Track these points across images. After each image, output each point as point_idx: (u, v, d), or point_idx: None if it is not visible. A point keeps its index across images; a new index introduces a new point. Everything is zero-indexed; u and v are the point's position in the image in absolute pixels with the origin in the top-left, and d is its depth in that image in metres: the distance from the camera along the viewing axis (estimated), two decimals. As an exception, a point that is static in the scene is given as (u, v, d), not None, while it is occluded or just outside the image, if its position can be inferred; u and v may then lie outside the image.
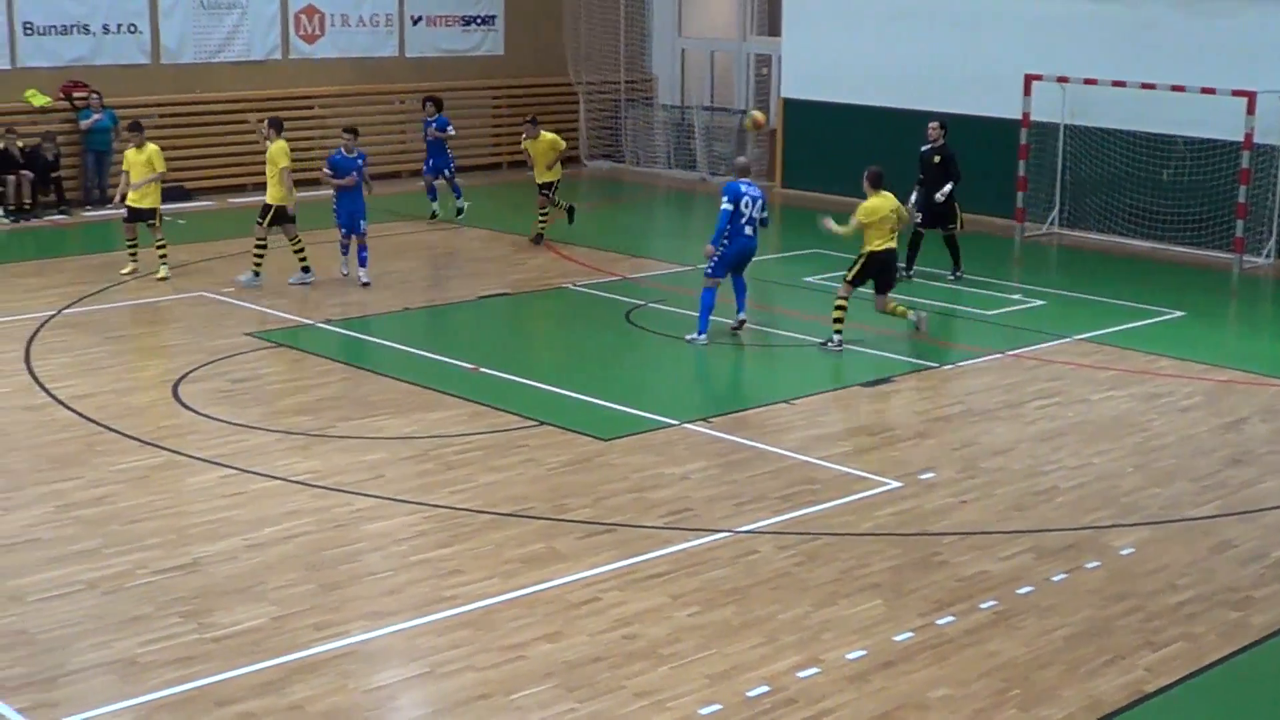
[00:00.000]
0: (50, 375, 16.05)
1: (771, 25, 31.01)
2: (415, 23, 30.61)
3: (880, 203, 17.50)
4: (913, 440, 14.28)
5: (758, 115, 20.45)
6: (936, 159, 21.04)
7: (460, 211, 25.34)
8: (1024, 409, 15.30)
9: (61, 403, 15.12)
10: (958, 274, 21.30)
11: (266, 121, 20.85)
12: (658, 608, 10.50)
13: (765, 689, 9.35)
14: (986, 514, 12.39)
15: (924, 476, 13.22)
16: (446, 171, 25.40)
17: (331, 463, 13.41)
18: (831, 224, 17.69)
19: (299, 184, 28.43)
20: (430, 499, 12.56)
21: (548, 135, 23.63)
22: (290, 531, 11.81)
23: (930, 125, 21.39)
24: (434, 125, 25.25)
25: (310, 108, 29.26)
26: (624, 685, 9.38)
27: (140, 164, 20.29)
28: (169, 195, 27.02)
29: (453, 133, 25.45)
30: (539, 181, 23.58)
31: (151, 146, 20.51)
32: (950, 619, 10.37)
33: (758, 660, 9.73)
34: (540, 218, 23.66)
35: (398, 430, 14.34)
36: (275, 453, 13.68)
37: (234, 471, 13.15)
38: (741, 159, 18.75)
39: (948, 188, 20.82)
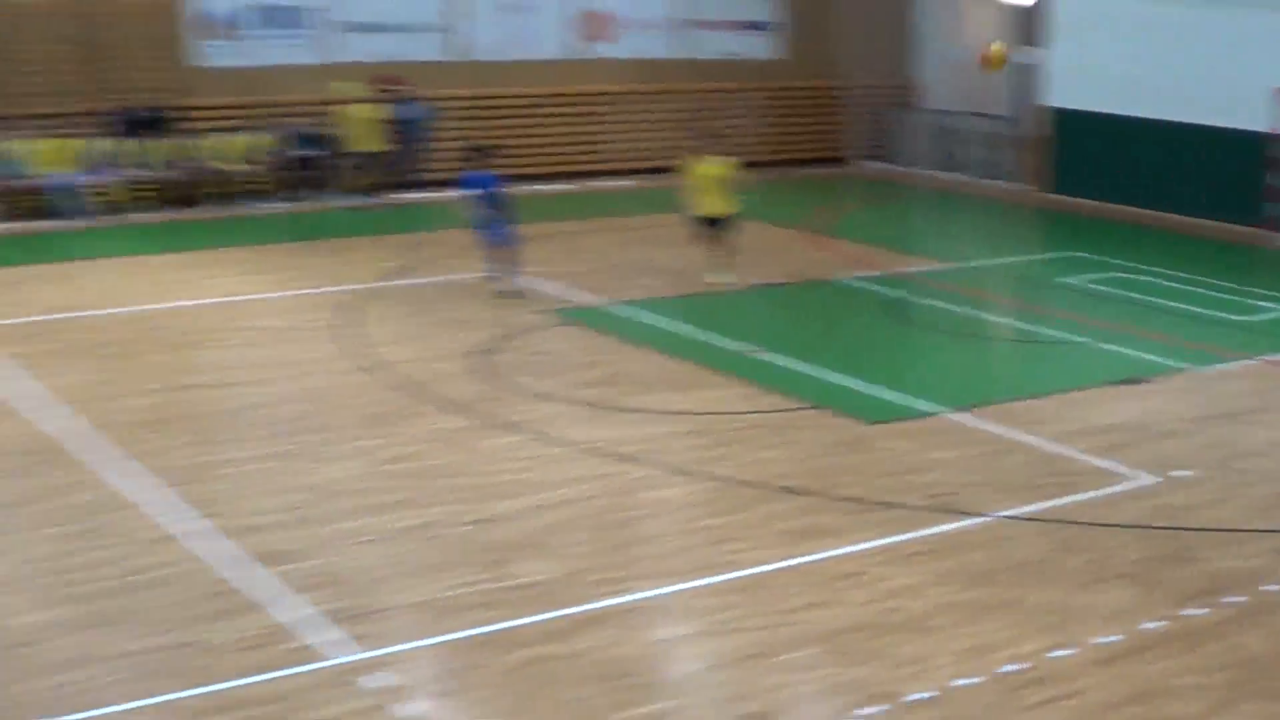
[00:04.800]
0: (368, 343, 17.23)
1: (1039, 35, 31.01)
2: (696, 26, 31.68)
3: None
4: (1167, 437, 14.32)
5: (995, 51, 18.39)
6: None
7: None
8: (1282, 414, 15.29)
9: (378, 368, 16.27)
10: None
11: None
12: (919, 584, 10.87)
13: (1016, 666, 9.62)
14: (1239, 512, 12.44)
15: (1177, 473, 13.26)
16: None
17: (618, 433, 14.14)
18: None
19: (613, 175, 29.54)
20: (707, 471, 13.21)
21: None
22: (578, 495, 12.57)
23: None
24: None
25: (597, 106, 30.48)
26: (884, 654, 9.79)
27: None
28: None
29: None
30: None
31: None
32: (1198, 611, 10.49)
33: (1010, 639, 10.02)
34: None
35: (679, 405, 15.02)
36: (567, 422, 14.47)
37: (529, 437, 14.02)
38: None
39: None
